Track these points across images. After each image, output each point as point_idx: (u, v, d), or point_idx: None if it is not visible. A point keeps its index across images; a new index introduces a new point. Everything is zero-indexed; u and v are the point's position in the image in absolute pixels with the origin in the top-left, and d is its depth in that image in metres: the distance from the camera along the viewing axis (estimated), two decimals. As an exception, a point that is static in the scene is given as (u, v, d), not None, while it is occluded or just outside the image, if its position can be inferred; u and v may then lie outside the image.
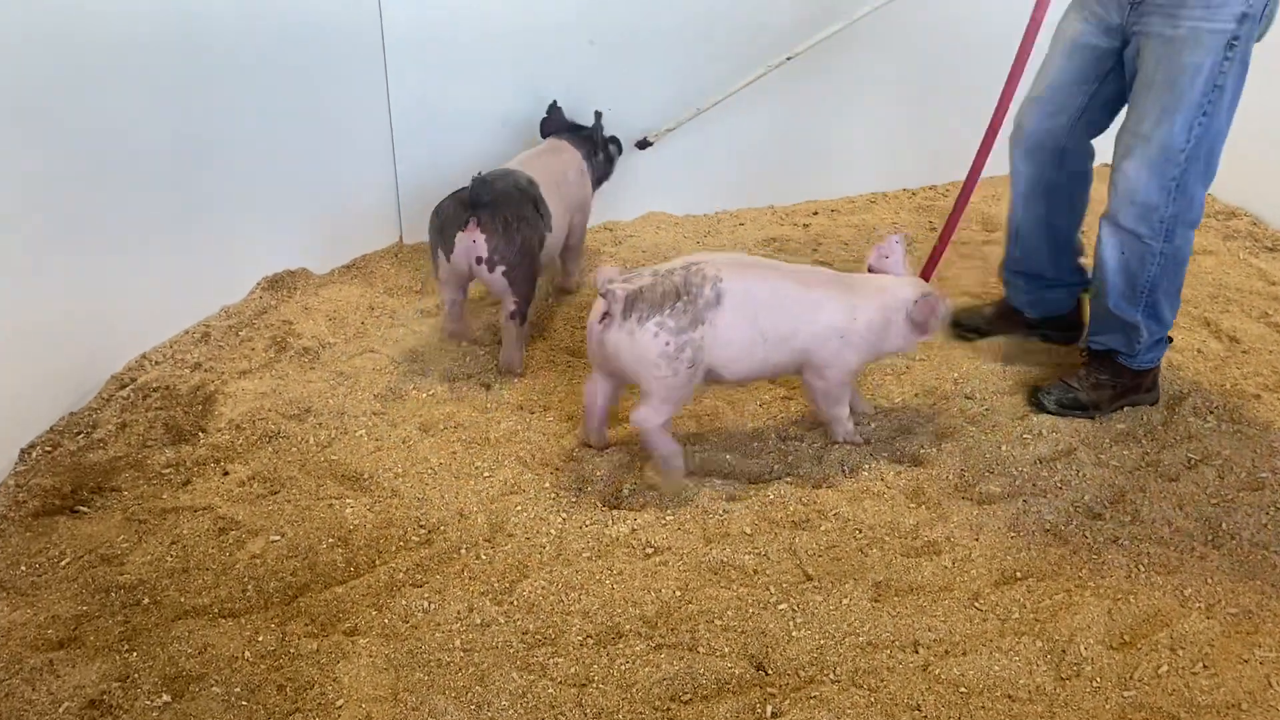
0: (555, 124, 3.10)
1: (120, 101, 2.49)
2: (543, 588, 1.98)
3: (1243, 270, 3.34)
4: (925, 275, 2.61)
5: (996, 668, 1.80)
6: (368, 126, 3.20)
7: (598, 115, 3.10)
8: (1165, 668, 1.80)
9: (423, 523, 2.14)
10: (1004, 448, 2.41)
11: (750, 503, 2.21)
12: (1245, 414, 2.55)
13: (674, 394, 2.16)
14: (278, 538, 2.08)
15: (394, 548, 2.09)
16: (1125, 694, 1.76)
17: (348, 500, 2.20)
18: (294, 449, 2.35)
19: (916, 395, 2.64)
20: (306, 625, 1.89)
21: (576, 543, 2.10)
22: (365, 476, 2.28)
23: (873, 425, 2.49)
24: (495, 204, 2.47)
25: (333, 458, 2.33)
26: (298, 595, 1.96)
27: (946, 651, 1.84)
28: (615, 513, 2.18)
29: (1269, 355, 2.82)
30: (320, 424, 2.43)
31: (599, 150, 3.10)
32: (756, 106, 3.65)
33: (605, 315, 2.13)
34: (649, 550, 2.09)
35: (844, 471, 2.32)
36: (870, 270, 2.38)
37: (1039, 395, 2.54)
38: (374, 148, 3.23)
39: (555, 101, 3.13)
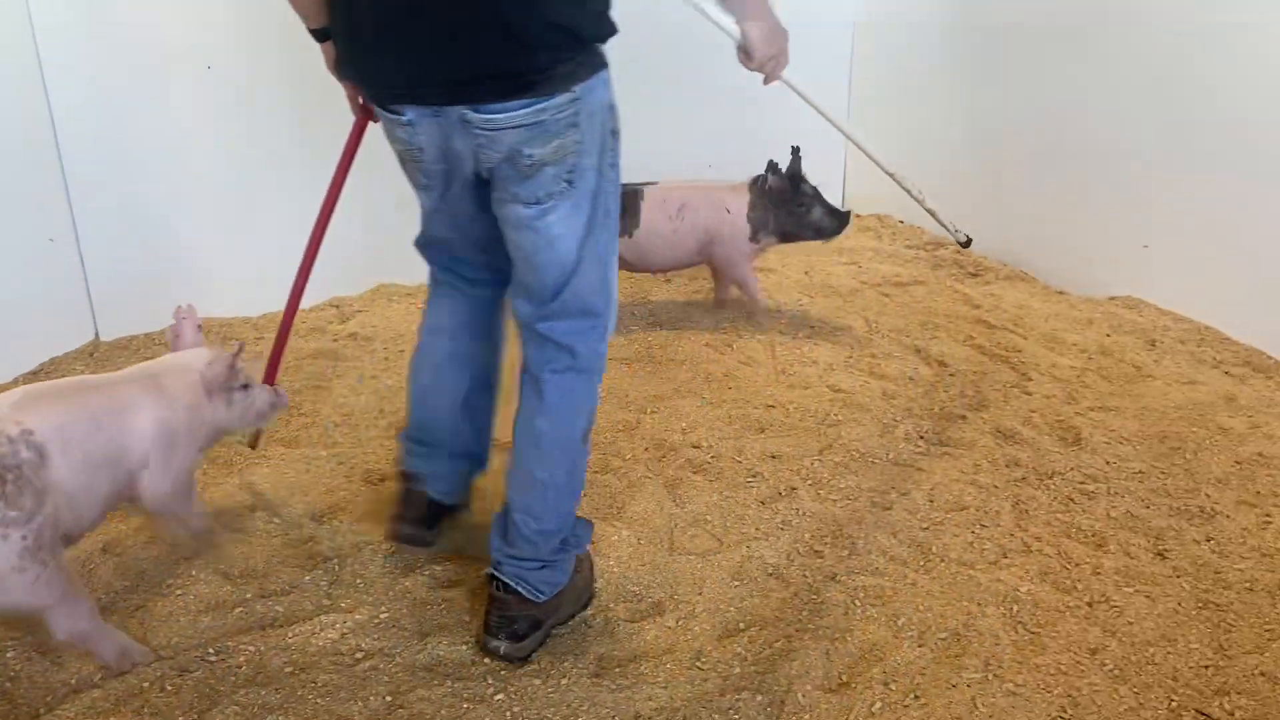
0: None
1: None
2: (235, 714, 1.79)
3: (949, 296, 3.54)
4: (269, 379, 2.36)
5: (717, 730, 1.76)
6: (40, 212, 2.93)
7: None
8: (879, 704, 1.81)
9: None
10: (727, 493, 2.41)
11: (469, 585, 2.11)
12: (952, 435, 2.67)
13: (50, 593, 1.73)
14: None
15: (62, 690, 1.84)
16: (842, 737, 1.75)
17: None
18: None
19: (645, 449, 2.61)
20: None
21: (278, 658, 1.92)
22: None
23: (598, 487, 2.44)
24: None
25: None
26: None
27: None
28: (324, 618, 2.02)
29: (973, 376, 2.97)
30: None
31: None
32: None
33: None
34: (359, 655, 1.94)
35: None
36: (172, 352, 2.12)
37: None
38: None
39: None
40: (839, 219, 3.21)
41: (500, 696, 1.83)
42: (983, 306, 3.43)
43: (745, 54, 2.01)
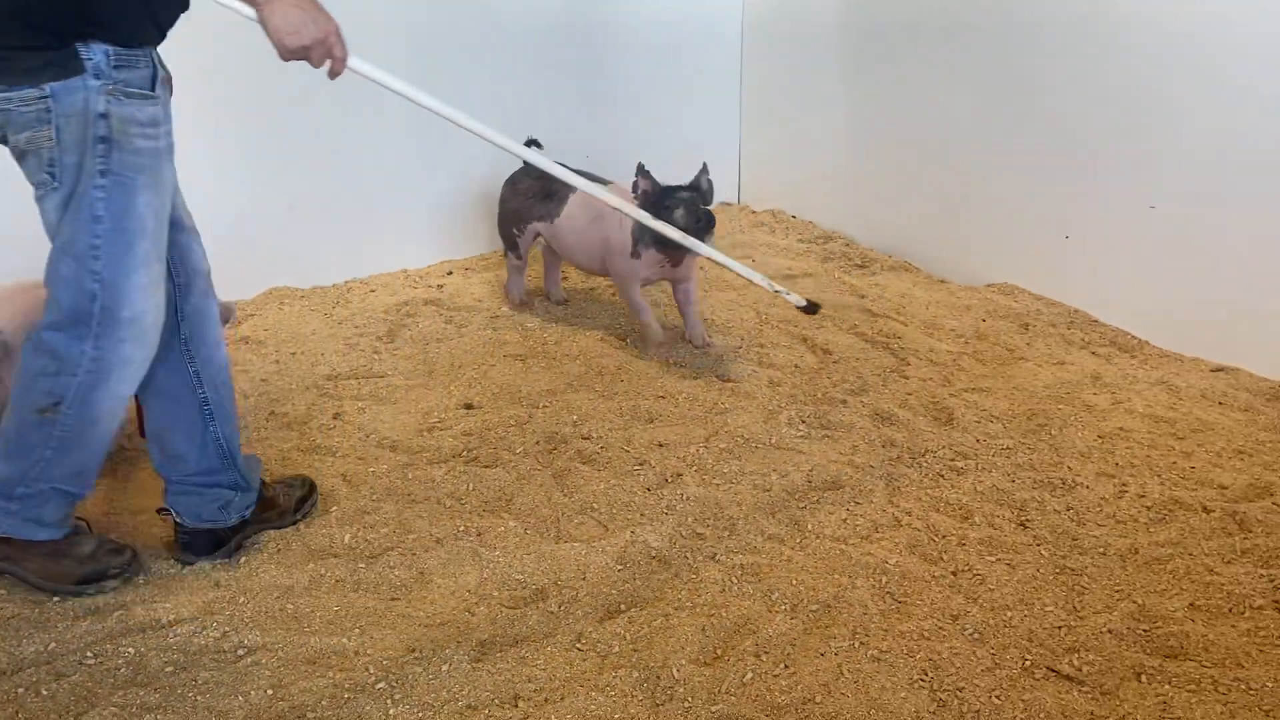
0: None
1: None
2: (113, 715, 1.78)
3: (837, 288, 3.65)
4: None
5: (594, 706, 1.81)
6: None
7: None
8: (750, 675, 1.88)
9: (-29, 666, 1.89)
10: (614, 482, 2.47)
11: (359, 581, 2.13)
12: (832, 419, 2.76)
13: None
14: None
15: (-68, 702, 1.82)
16: (714, 708, 1.82)
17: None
18: None
19: (537, 443, 2.66)
20: None
21: (158, 658, 1.92)
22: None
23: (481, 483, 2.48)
24: None
25: None
26: None
27: (545, 699, 1.83)
28: (208, 618, 2.03)
29: (855, 363, 3.08)
30: None
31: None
32: (383, 164, 3.65)
33: None
34: (241, 651, 1.95)
35: (455, 532, 2.29)
36: None
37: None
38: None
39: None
40: (700, 220, 2.86)
41: (381, 685, 1.86)
42: (868, 296, 3.55)
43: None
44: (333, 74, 1.91)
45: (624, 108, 4.19)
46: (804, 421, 2.76)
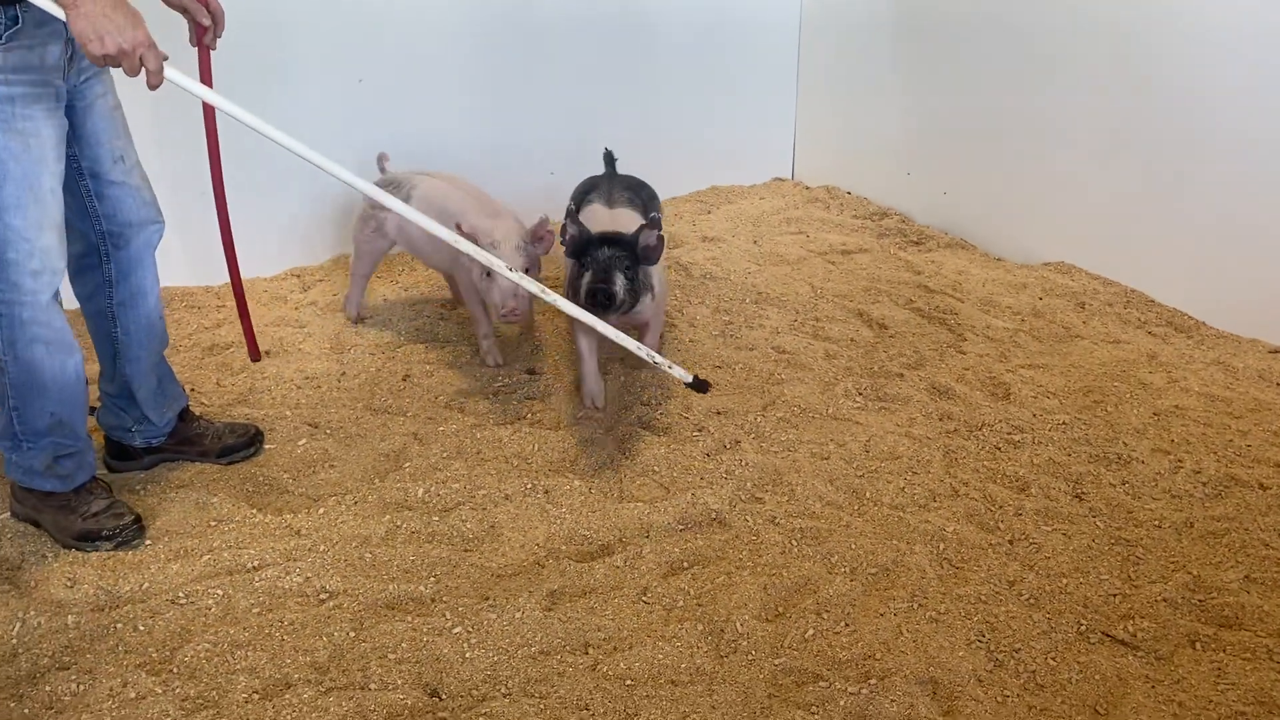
0: None
1: None
2: (206, 650, 1.89)
3: (893, 263, 3.68)
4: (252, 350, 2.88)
5: (660, 656, 1.88)
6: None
7: None
8: (811, 631, 1.95)
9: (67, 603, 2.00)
10: (674, 447, 2.53)
11: (433, 533, 2.22)
12: (889, 392, 2.81)
13: None
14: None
15: (38, 632, 1.93)
16: (776, 661, 1.88)
17: (-15, 590, 2.03)
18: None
19: (600, 409, 2.73)
20: (-71, 733, 1.72)
21: (245, 599, 2.03)
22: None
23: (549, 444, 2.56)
24: None
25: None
26: (-80, 702, 1.78)
27: (615, 648, 1.91)
28: (291, 564, 2.13)
29: (911, 337, 3.12)
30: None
31: None
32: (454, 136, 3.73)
33: None
34: (324, 595, 2.05)
35: (523, 490, 2.37)
36: None
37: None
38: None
39: None
40: (595, 300, 2.39)
41: (458, 629, 1.95)
42: (924, 273, 3.57)
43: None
44: (150, 85, 1.87)
45: (680, 82, 4.23)
46: (861, 393, 2.80)
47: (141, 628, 1.95)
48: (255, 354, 2.91)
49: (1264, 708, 1.77)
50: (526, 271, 2.47)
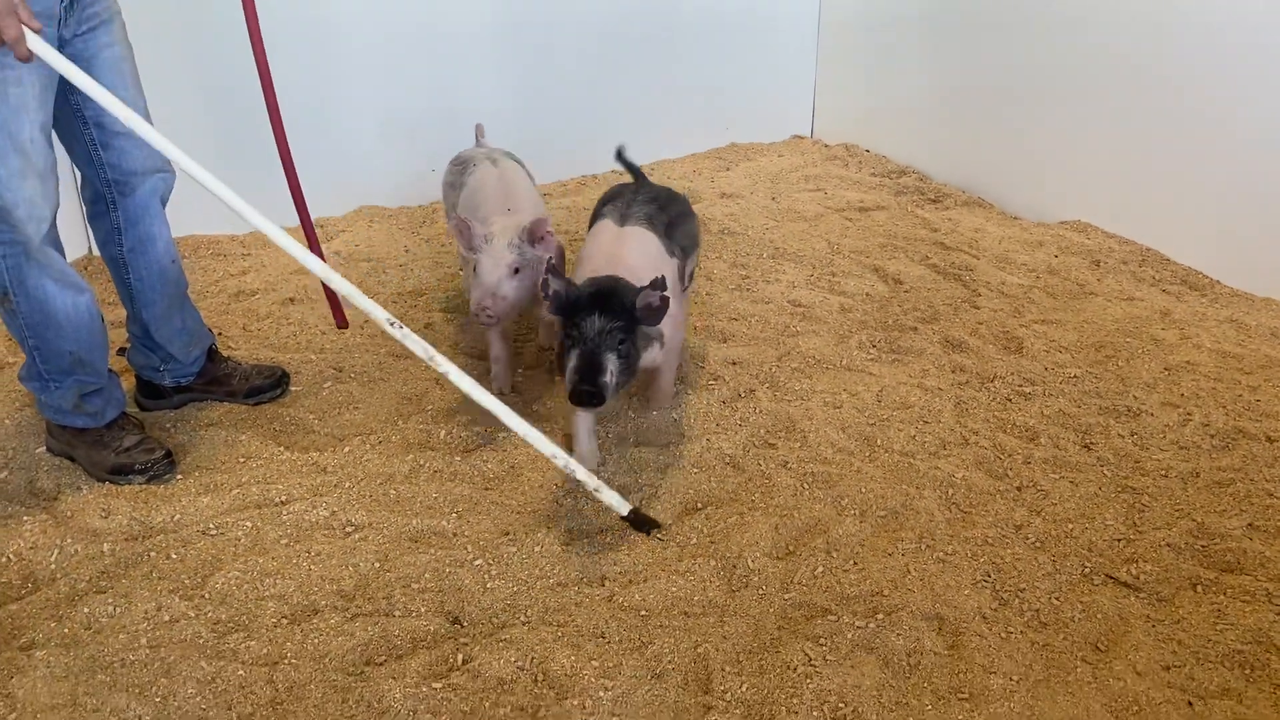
0: None
1: None
2: (236, 578, 1.96)
3: (910, 221, 3.70)
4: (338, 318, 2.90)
5: (674, 589, 1.95)
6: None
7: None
8: (821, 569, 2.01)
9: (103, 532, 2.08)
10: (689, 394, 2.58)
11: (455, 471, 2.28)
12: (903, 344, 2.85)
13: None
14: (-58, 565, 1.97)
15: (75, 559, 2.01)
16: (786, 595, 1.94)
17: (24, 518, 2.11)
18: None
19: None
20: (-25, 648, 1.80)
21: (274, 531, 2.10)
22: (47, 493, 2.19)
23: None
24: None
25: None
26: (-34, 620, 1.86)
27: (630, 581, 1.97)
28: (317, 499, 2.19)
29: (926, 293, 3.15)
30: (-7, 445, 2.30)
31: None
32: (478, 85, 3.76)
33: None
34: (349, 529, 2.12)
35: (543, 433, 2.42)
36: None
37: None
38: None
39: None
40: (580, 387, 2.02)
41: (479, 561, 2.01)
42: (940, 230, 3.60)
43: None
44: (17, 57, 1.83)
45: (702, 39, 4.24)
46: (874, 346, 2.84)
47: (174, 556, 2.03)
48: (342, 321, 2.93)
49: (1261, 647, 1.82)
50: (520, 271, 2.36)
